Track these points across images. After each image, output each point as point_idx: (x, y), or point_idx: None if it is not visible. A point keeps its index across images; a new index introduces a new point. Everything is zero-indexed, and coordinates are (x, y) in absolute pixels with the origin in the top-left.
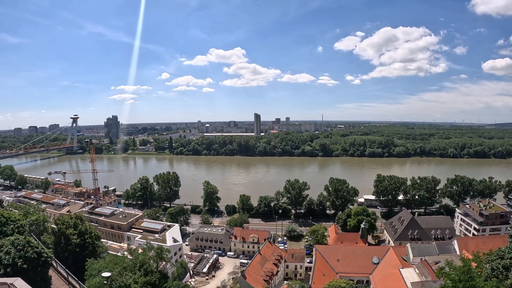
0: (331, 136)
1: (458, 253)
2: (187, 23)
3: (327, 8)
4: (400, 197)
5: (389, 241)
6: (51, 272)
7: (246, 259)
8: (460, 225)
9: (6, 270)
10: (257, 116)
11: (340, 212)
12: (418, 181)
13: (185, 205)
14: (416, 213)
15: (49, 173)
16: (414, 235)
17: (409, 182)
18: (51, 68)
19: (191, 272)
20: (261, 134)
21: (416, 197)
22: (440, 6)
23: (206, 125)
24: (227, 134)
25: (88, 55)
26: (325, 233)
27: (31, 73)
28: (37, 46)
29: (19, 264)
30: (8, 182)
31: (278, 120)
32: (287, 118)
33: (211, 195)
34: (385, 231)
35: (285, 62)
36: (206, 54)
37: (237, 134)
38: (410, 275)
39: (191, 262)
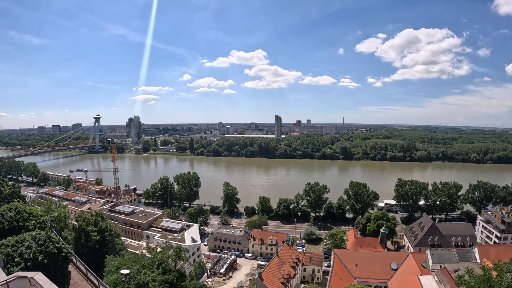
0: (352, 139)
1: (478, 261)
2: (208, 25)
3: (348, 10)
4: (421, 202)
5: (408, 247)
6: (70, 267)
7: (264, 261)
8: (482, 232)
9: (26, 264)
10: (278, 118)
11: (360, 216)
12: (440, 186)
13: (204, 205)
14: (437, 219)
15: (71, 171)
16: (434, 242)
17: (430, 187)
18: (75, 69)
19: (209, 272)
20: (282, 136)
21: (437, 202)
22: (463, 7)
23: (227, 126)
24: (247, 135)
25: (110, 56)
26: (344, 237)
27: (55, 73)
28: (61, 47)
29: (39, 258)
30: (31, 178)
31: (299, 122)
32: (308, 121)
33: (230, 196)
34: (404, 237)
35: (306, 64)
36: (227, 56)
37: (257, 136)
38: (429, 282)
39: (208, 262)
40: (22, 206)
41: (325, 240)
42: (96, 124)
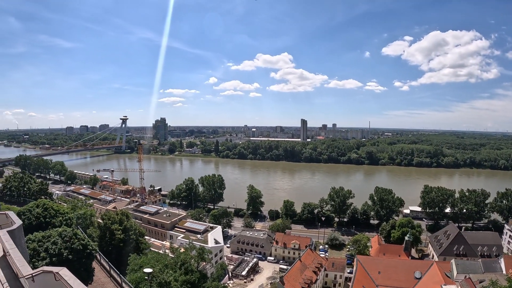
0: (378, 144)
1: (504, 272)
2: (234, 28)
3: (375, 12)
4: (447, 210)
5: (433, 256)
6: (94, 264)
7: (286, 265)
8: (509, 242)
9: (51, 259)
10: (303, 122)
11: (384, 222)
12: (467, 193)
13: (228, 207)
14: (463, 227)
15: (98, 170)
16: (460, 251)
17: (457, 195)
18: (103, 71)
19: (230, 274)
20: (307, 140)
21: (464, 210)
22: (491, 8)
23: (253, 129)
24: (273, 139)
25: (137, 59)
26: (368, 244)
27: (84, 75)
28: (89, 50)
29: (64, 254)
30: (58, 177)
31: (324, 126)
32: (334, 125)
33: (255, 199)
34: (429, 245)
35: (332, 67)
36: (253, 59)
37: (283, 139)
38: None
39: (230, 264)
40: (49, 203)
41: (349, 246)
42: (123, 125)
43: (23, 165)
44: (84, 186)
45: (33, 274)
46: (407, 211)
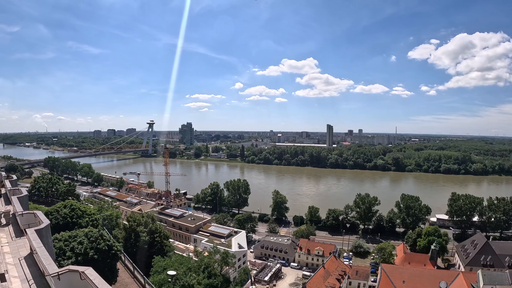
0: (404, 150)
1: None
2: (260, 34)
3: (400, 16)
4: (475, 218)
5: (459, 266)
6: (118, 264)
7: (309, 272)
8: None
9: (77, 259)
10: (329, 127)
11: (410, 231)
12: (495, 202)
13: (253, 212)
14: (491, 237)
15: (124, 173)
16: (487, 261)
17: (485, 203)
18: (130, 77)
19: (253, 279)
20: (333, 145)
21: (492, 219)
22: None
23: (278, 134)
24: (299, 144)
25: (163, 65)
26: (393, 252)
27: (111, 81)
28: (117, 56)
29: (90, 254)
30: (85, 178)
31: (350, 131)
32: (360, 130)
33: (279, 205)
34: (456, 255)
35: (358, 72)
36: (278, 64)
37: (309, 144)
38: None
39: (253, 269)
40: (76, 204)
41: (373, 254)
42: (150, 130)
43: (51, 166)
44: (111, 188)
45: (59, 273)
46: (433, 219)
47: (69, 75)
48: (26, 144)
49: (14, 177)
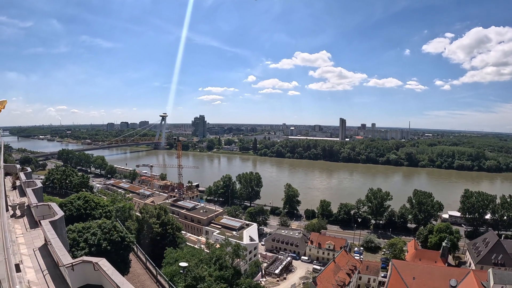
0: (417, 145)
1: None
2: (272, 27)
3: (414, 9)
4: (488, 216)
5: (470, 264)
6: (131, 256)
7: (320, 266)
8: None
9: (90, 250)
10: (342, 121)
11: (422, 227)
12: (509, 200)
13: (265, 205)
14: (503, 235)
15: (137, 165)
16: (498, 260)
17: (498, 201)
18: (143, 70)
19: (263, 272)
20: (346, 139)
21: (505, 217)
22: None
23: (291, 128)
24: (311, 138)
25: (176, 58)
26: (404, 248)
27: (124, 74)
28: (130, 50)
29: (103, 245)
30: (99, 170)
31: (363, 126)
32: (373, 124)
33: (291, 198)
34: (467, 252)
35: (371, 66)
36: (291, 57)
37: (321, 138)
38: None
39: (264, 262)
40: (90, 196)
41: (384, 250)
42: (163, 122)
43: (65, 158)
44: (124, 180)
45: (73, 264)
46: (445, 215)
47: (83, 69)
48: (40, 137)
49: (29, 169)
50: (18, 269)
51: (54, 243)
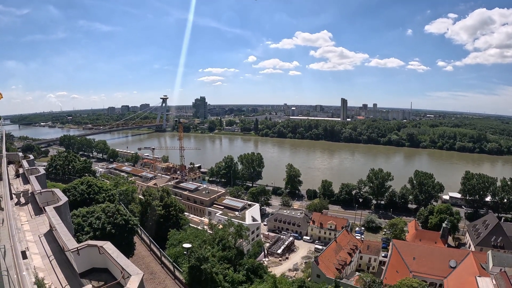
0: (419, 126)
1: None
2: (273, 7)
3: None
4: (488, 198)
5: (469, 245)
6: (135, 238)
7: (321, 245)
8: None
9: (95, 234)
10: (343, 101)
11: (423, 207)
12: (509, 183)
13: (267, 186)
14: (503, 218)
15: (139, 148)
16: (497, 242)
17: (499, 183)
18: (143, 53)
19: (266, 252)
20: (347, 119)
21: (505, 200)
22: None
23: (292, 108)
24: (312, 118)
25: (176, 40)
26: (404, 228)
27: (124, 58)
28: (129, 33)
29: (108, 229)
30: (101, 155)
31: (365, 106)
32: (374, 105)
33: (293, 178)
34: (467, 234)
35: (373, 46)
36: (292, 37)
37: (323, 118)
38: (486, 285)
39: (267, 242)
40: (93, 180)
41: (385, 230)
42: (164, 104)
43: (67, 144)
44: (126, 164)
45: (78, 248)
46: (446, 197)
47: (82, 54)
48: (41, 123)
49: (31, 156)
50: (24, 256)
51: (59, 229)
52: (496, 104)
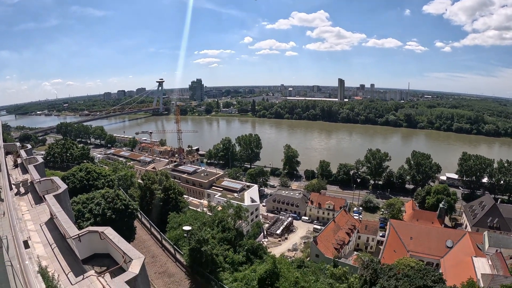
0: (417, 107)
1: None
2: None
3: None
4: (485, 179)
5: (466, 226)
6: (136, 223)
7: (320, 225)
8: None
9: (96, 220)
10: (341, 82)
11: (420, 188)
12: (506, 164)
13: (265, 167)
14: (499, 199)
15: (136, 133)
16: (494, 224)
17: (495, 165)
18: (137, 37)
19: (265, 232)
20: (345, 100)
21: (502, 182)
22: None
23: (289, 88)
24: (310, 98)
25: (171, 22)
26: (402, 208)
27: (119, 42)
28: (123, 17)
29: (108, 214)
30: (98, 141)
31: (362, 86)
32: (372, 85)
33: (291, 159)
34: (463, 214)
35: (370, 26)
36: (288, 17)
37: (320, 99)
38: (482, 266)
39: (266, 223)
40: (91, 167)
41: (382, 210)
42: (160, 88)
43: (64, 132)
44: (124, 149)
45: (80, 235)
46: (443, 177)
47: (75, 40)
48: (38, 112)
49: (29, 146)
50: (26, 245)
51: (59, 216)
52: (494, 86)
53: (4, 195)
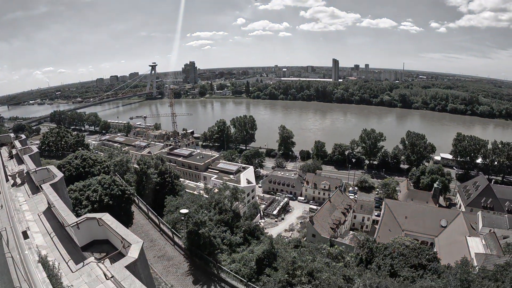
0: (411, 87)
1: None
2: None
3: None
4: (479, 160)
5: (460, 206)
6: (133, 207)
7: (316, 205)
8: None
9: (93, 206)
10: (335, 62)
11: (415, 168)
12: (500, 146)
13: (260, 148)
14: (493, 180)
15: (131, 118)
16: (487, 204)
17: (490, 146)
18: (129, 21)
19: (262, 213)
20: (339, 80)
21: (496, 163)
22: None
23: (283, 69)
24: (304, 79)
25: (162, 5)
26: (397, 188)
27: (110, 27)
28: (113, 1)
29: (105, 200)
30: (93, 128)
31: (357, 66)
32: (366, 65)
33: (286, 140)
34: (458, 194)
35: (365, 5)
36: None
37: (314, 79)
38: (476, 245)
39: (262, 204)
40: (87, 154)
41: (378, 189)
42: (153, 72)
43: (58, 120)
44: (119, 134)
45: (78, 222)
46: (438, 157)
47: (65, 27)
48: (30, 102)
49: (23, 136)
50: (25, 235)
51: (57, 205)
52: (489, 68)
53: (1, 186)
